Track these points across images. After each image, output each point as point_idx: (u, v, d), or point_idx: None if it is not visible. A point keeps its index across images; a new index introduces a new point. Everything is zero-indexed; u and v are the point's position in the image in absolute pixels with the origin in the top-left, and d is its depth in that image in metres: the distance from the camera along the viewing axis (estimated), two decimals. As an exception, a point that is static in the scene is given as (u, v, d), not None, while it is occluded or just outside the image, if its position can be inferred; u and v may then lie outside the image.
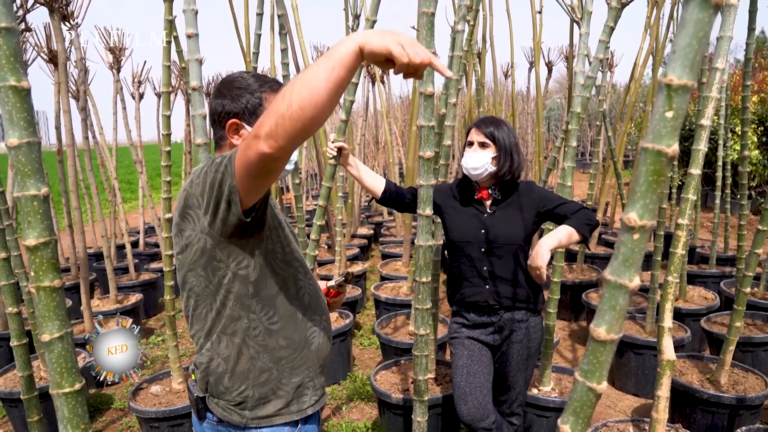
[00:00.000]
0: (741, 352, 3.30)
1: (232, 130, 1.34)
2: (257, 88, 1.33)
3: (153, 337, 4.73)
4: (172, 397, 2.78)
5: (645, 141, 0.75)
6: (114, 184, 5.70)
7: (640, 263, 0.78)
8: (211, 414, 1.36)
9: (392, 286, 4.50)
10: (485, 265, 2.14)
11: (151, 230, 7.64)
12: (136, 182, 16.60)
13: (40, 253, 0.95)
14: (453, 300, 2.26)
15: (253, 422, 1.32)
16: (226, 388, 1.32)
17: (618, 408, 3.33)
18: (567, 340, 4.41)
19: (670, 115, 0.73)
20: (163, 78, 2.56)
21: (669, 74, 0.73)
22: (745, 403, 2.54)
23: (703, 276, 4.75)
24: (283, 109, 0.98)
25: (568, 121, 2.57)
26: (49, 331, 0.96)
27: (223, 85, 1.36)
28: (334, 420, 3.21)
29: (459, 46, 2.43)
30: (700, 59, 0.73)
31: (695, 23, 0.71)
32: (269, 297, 1.31)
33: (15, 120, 0.91)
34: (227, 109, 1.33)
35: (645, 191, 0.75)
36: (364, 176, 2.26)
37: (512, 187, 2.17)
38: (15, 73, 0.90)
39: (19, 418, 3.01)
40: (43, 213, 0.95)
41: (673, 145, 0.74)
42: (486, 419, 2.10)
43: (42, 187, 0.94)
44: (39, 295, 0.95)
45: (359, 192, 7.34)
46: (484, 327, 2.19)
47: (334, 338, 3.55)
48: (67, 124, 3.57)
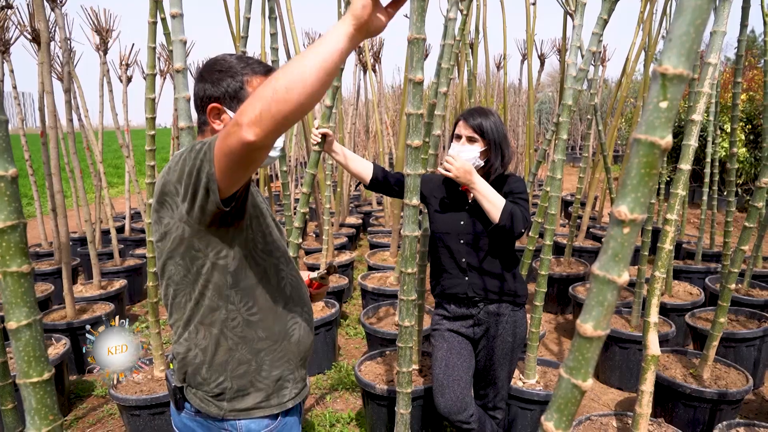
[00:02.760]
0: (724, 347, 3.32)
1: (213, 115, 1.30)
2: (239, 71, 1.28)
3: (137, 323, 4.69)
4: (153, 385, 2.75)
5: (638, 132, 0.72)
6: (99, 168, 5.61)
7: (630, 258, 0.76)
8: (189, 404, 1.33)
9: (379, 276, 4.48)
10: (464, 257, 2.12)
11: (137, 216, 7.56)
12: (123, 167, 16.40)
13: (7, 237, 0.91)
14: (435, 291, 2.25)
15: (230, 414, 1.29)
16: (203, 379, 1.29)
17: (602, 401, 3.34)
18: (553, 333, 4.42)
19: (664, 105, 0.71)
20: (148, 60, 2.51)
21: (664, 63, 0.70)
22: (726, 398, 2.56)
23: (689, 272, 4.78)
24: (269, 94, 0.94)
25: (559, 114, 2.55)
26: (16, 319, 0.93)
27: (205, 69, 1.32)
28: (318, 409, 3.19)
29: (451, 34, 2.39)
30: (697, 48, 0.70)
31: (693, 10, 0.68)
32: (248, 287, 1.28)
33: (-19, 97, 0.86)
34: (208, 93, 1.30)
35: (637, 184, 0.73)
36: (350, 162, 2.23)
37: (500, 181, 2.15)
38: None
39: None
40: (11, 195, 0.91)
41: (667, 137, 0.71)
42: (463, 412, 2.09)
43: (9, 167, 0.90)
44: (6, 280, 0.91)
45: (348, 181, 7.30)
46: (464, 319, 2.18)
47: (320, 327, 3.52)
48: (50, 106, 3.49)
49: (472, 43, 4.90)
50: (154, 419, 2.63)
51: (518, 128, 9.39)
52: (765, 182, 2.33)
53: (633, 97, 9.74)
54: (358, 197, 9.56)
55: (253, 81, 1.29)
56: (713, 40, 1.96)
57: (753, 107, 9.20)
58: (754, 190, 2.44)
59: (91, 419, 3.15)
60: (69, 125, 4.38)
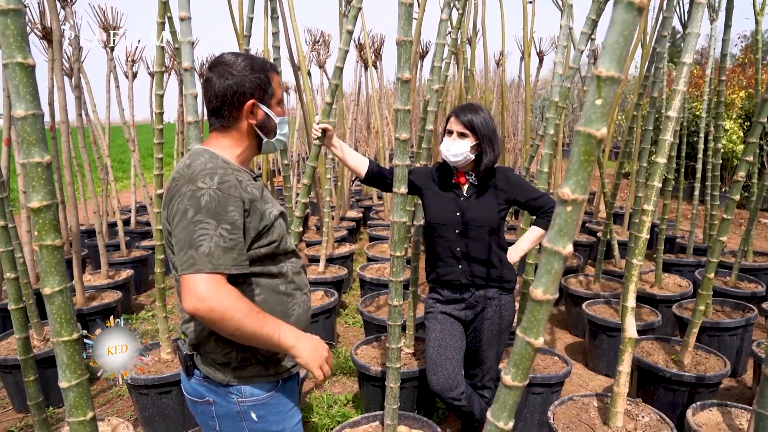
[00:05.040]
0: (708, 336, 3.45)
1: (249, 111, 1.42)
2: (262, 68, 1.42)
3: (143, 312, 4.84)
4: (160, 366, 2.90)
5: (578, 125, 0.86)
6: (106, 162, 5.76)
7: (573, 233, 0.90)
8: (198, 371, 1.47)
9: (377, 267, 4.62)
10: (459, 246, 2.26)
11: (142, 209, 7.72)
12: (128, 162, 16.55)
13: (43, 215, 1.05)
14: (429, 278, 2.39)
15: (235, 380, 1.43)
16: (211, 349, 1.42)
17: (589, 387, 3.48)
18: (546, 323, 4.55)
19: (599, 102, 0.85)
20: (157, 58, 2.64)
21: (599, 67, 0.84)
22: (704, 381, 2.69)
23: (680, 265, 4.90)
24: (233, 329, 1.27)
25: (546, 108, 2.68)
26: (50, 285, 1.07)
27: (226, 67, 1.40)
28: (317, 393, 3.34)
29: (443, 34, 2.52)
30: (626, 54, 0.84)
31: (621, 23, 0.83)
32: (254, 274, 1.41)
33: (22, 94, 1.00)
34: (240, 90, 1.39)
35: (577, 169, 0.87)
36: (348, 157, 2.36)
37: (489, 174, 2.28)
38: (21, 51, 0.99)
39: (12, 384, 3.12)
40: (46, 178, 1.05)
41: (602, 129, 0.85)
42: (455, 389, 2.23)
43: (45, 155, 1.04)
44: (42, 252, 1.05)
45: (349, 176, 7.44)
46: (456, 303, 2.32)
47: (319, 315, 3.67)
48: (61, 101, 3.63)
49: (470, 39, 5.02)
50: (162, 398, 2.78)
51: (518, 125, 9.50)
52: (741, 176, 2.45)
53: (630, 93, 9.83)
54: (360, 192, 9.70)
55: (274, 77, 1.44)
56: (688, 42, 2.09)
57: (752, 104, 9.29)
58: (750, 185, 2.55)
59: (101, 400, 3.31)
60: (79, 120, 4.53)
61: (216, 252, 1.24)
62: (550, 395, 2.74)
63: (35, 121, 1.01)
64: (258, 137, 1.49)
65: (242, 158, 1.48)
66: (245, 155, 1.49)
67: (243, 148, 1.47)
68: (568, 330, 4.42)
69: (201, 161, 1.33)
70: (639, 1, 0.80)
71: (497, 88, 9.49)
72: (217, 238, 1.25)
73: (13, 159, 3.09)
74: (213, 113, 1.44)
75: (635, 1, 0.79)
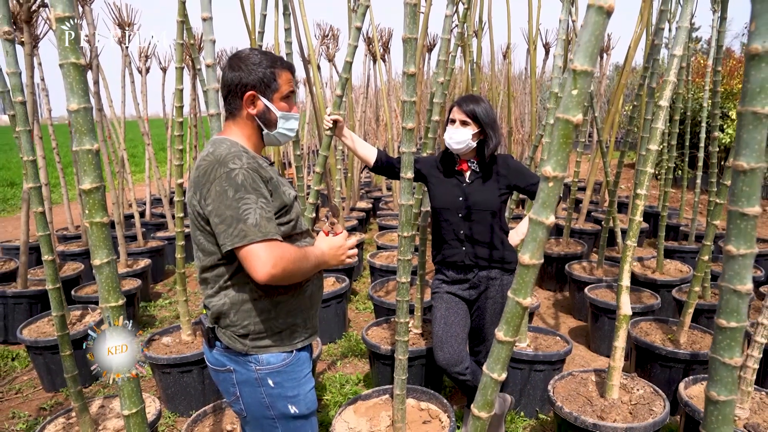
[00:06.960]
0: (706, 318, 3.58)
1: (249, 101, 1.54)
2: (270, 64, 1.54)
3: (160, 300, 5.02)
4: (181, 347, 3.06)
5: (557, 112, 1.01)
6: (122, 155, 5.94)
7: (555, 205, 1.04)
8: (219, 342, 1.62)
9: (387, 254, 4.77)
10: (462, 229, 2.39)
11: (157, 201, 7.90)
12: (140, 156, 16.80)
13: (93, 196, 1.20)
14: (435, 260, 2.53)
15: (253, 350, 1.57)
16: (231, 322, 1.56)
17: (591, 367, 3.61)
18: (551, 309, 4.69)
19: (575, 92, 0.99)
20: (177, 54, 2.79)
21: (575, 62, 0.98)
22: (697, 358, 2.82)
23: (682, 251, 5.01)
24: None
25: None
26: (99, 258, 1.22)
27: (238, 60, 1.54)
28: (330, 373, 3.50)
29: (447, 30, 2.64)
30: (597, 51, 0.98)
31: (593, 24, 0.96)
32: None
33: (75, 89, 1.15)
34: (244, 81, 1.52)
35: (557, 150, 1.01)
36: (357, 147, 2.50)
37: (490, 160, 2.41)
38: (75, 53, 1.14)
39: (42, 365, 3.30)
40: (95, 164, 1.20)
41: (578, 116, 0.99)
42: (460, 365, 2.37)
43: (94, 143, 1.19)
44: (92, 228, 1.21)
45: (358, 167, 7.58)
46: (461, 283, 2.46)
47: (331, 300, 3.83)
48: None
49: (476, 32, 5.12)
50: (183, 377, 2.95)
51: (525, 116, 9.58)
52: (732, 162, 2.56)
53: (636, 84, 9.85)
54: (369, 183, 9.84)
55: (282, 74, 1.55)
56: (678, 35, 2.20)
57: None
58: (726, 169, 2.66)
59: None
60: (98, 114, 4.69)
61: (262, 222, 1.38)
62: (552, 372, 2.88)
63: (86, 114, 1.16)
64: (259, 128, 1.60)
65: (251, 146, 1.60)
66: (252, 143, 1.61)
67: (247, 136, 1.59)
68: (572, 315, 4.55)
69: (224, 147, 1.47)
70: (608, 6, 0.93)
71: (504, 80, 9.58)
72: (260, 210, 1.39)
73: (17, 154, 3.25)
74: (224, 101, 1.59)
75: (604, 6, 0.92)
